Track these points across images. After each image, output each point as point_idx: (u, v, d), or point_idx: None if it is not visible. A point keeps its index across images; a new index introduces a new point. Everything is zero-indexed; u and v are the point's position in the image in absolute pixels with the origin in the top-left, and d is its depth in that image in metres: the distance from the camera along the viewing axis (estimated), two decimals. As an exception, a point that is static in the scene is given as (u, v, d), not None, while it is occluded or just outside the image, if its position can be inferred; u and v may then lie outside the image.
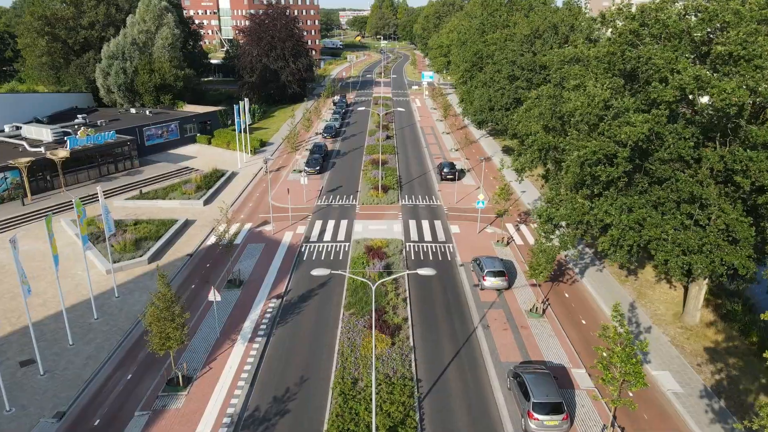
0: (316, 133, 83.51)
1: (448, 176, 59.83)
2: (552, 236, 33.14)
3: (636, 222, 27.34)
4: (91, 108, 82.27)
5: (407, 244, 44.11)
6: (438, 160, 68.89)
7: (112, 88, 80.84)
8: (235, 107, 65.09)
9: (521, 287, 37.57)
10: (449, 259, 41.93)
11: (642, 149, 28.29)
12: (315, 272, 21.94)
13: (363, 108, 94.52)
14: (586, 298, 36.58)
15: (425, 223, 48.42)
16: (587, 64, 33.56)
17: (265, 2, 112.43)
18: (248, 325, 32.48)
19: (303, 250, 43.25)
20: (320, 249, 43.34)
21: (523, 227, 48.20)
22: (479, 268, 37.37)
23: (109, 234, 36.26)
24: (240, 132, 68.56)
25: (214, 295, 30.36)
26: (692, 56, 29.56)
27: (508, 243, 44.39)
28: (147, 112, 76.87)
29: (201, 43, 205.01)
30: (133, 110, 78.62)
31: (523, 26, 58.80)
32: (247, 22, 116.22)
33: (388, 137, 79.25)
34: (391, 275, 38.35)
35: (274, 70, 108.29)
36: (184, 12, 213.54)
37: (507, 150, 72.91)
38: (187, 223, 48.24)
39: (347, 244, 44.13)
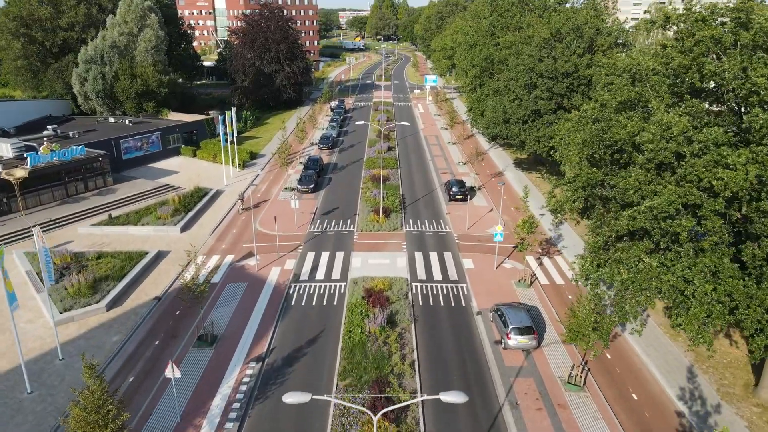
0: (312, 144, 77.14)
1: (457, 196, 53.42)
2: (603, 299, 26.46)
3: (727, 294, 20.66)
4: (67, 117, 75.95)
5: (413, 284, 37.70)
6: (444, 175, 62.49)
7: (89, 94, 74.44)
8: (220, 118, 58.65)
9: (552, 344, 31.18)
10: (463, 304, 35.52)
11: (737, 197, 21.30)
12: (288, 399, 15.37)
13: (362, 115, 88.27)
14: (632, 359, 30.18)
15: (433, 256, 42.01)
16: (643, 78, 27.07)
17: (261, 1, 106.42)
18: (218, 404, 26.06)
19: (291, 291, 36.83)
20: (311, 291, 36.93)
21: (547, 261, 41.80)
22: (502, 323, 30.97)
23: (49, 285, 29.88)
24: (226, 144, 62.15)
25: (172, 371, 23.95)
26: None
27: (531, 283, 37.99)
28: (127, 122, 70.48)
29: (196, 44, 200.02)
30: (112, 119, 72.25)
31: (542, 28, 52.42)
32: (239, 23, 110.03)
33: (389, 148, 72.88)
34: (395, 323, 32.05)
35: (268, 74, 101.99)
36: (179, 12, 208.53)
37: (520, 163, 66.54)
38: (160, 256, 41.85)
39: (343, 284, 37.72)
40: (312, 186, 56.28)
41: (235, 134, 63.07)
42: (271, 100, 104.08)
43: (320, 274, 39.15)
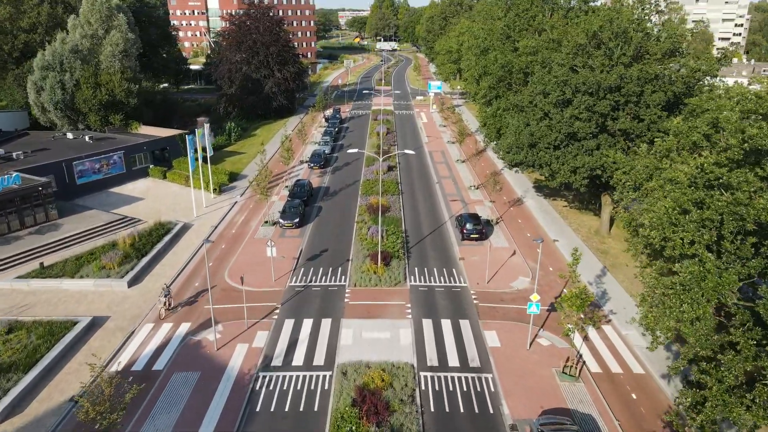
0: (301, 161, 67.77)
1: (472, 235, 44.04)
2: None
3: None
4: (20, 132, 66.57)
5: (422, 374, 28.29)
6: (454, 204, 53.10)
7: (46, 106, 65.05)
8: (188, 138, 49.26)
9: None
10: (490, 408, 26.10)
11: None
12: None
13: (360, 125, 79.14)
14: None
15: (446, 326, 32.58)
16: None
17: (256, 1, 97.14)
18: None
19: (258, 386, 27.45)
20: (285, 386, 27.53)
21: (594, 334, 32.34)
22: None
23: None
24: (203, 163, 52.79)
25: None
26: None
27: (579, 372, 28.55)
28: (87, 138, 61.05)
29: (187, 45, 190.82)
30: (70, 135, 62.82)
31: (575, 32, 43.04)
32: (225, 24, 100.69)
33: (389, 168, 63.50)
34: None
35: (257, 80, 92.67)
36: (170, 11, 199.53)
37: (540, 187, 57.10)
38: (94, 326, 32.52)
39: (328, 373, 28.33)
40: (297, 220, 46.86)
41: (210, 154, 53.77)
42: (260, 109, 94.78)
43: (298, 357, 29.75)
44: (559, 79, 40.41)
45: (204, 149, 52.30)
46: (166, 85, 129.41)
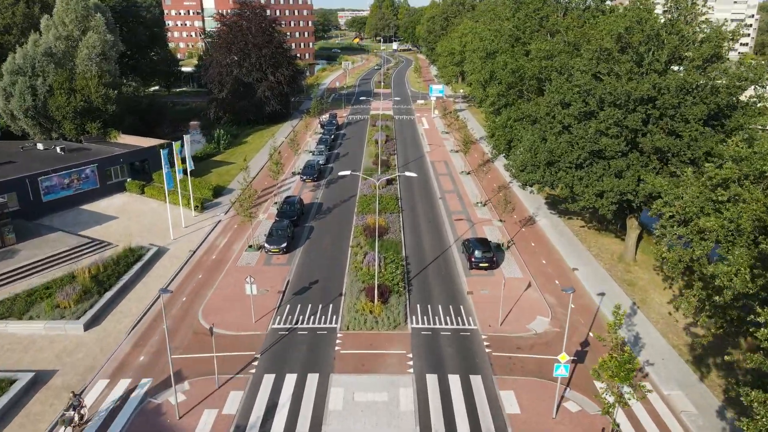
0: (293, 173, 62.72)
1: (481, 264, 38.95)
2: None
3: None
4: (-12, 141, 61.56)
5: (427, 454, 23.23)
6: (459, 223, 48.05)
7: (16, 113, 59.99)
8: (162, 153, 44.20)
9: None
10: (512, 504, 21.03)
11: None
12: None
13: (357, 132, 74.16)
14: None
15: (455, 386, 27.44)
16: None
17: (253, 1, 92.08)
18: None
19: (225, 471, 22.38)
20: (259, 470, 22.48)
21: (630, 393, 27.19)
22: None
23: None
24: (184, 176, 47.76)
25: None
26: None
27: (618, 450, 23.43)
28: (58, 149, 55.95)
29: (183, 46, 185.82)
30: (41, 146, 57.71)
31: (599, 34, 37.92)
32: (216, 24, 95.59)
33: (388, 181, 58.40)
34: None
35: (249, 83, 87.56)
36: (165, 11, 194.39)
37: (554, 203, 51.97)
38: (37, 383, 27.47)
39: (312, 452, 23.28)
40: (284, 245, 41.77)
41: (190, 168, 48.76)
42: (252, 114, 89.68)
43: (277, 427, 24.64)
44: (582, 88, 35.28)
45: (184, 161, 47.31)
46: (156, 88, 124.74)
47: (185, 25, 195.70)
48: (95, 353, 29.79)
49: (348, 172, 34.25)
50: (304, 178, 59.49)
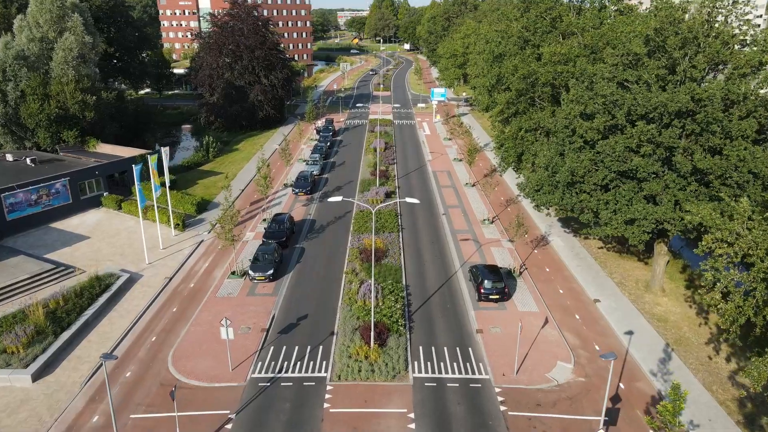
0: (285, 185, 58.30)
1: (491, 295, 34.52)
2: None
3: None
4: (-46, 152, 57.10)
5: None
6: (465, 245, 43.61)
7: (-15, 121, 55.68)
8: (135, 168, 39.80)
9: None
10: None
11: None
12: None
13: (355, 138, 69.66)
14: None
15: (466, 457, 23.02)
16: None
17: (249, 1, 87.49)
18: None
19: None
20: None
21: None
22: None
23: None
24: (163, 187, 43.35)
25: None
26: None
27: None
28: (28, 161, 51.53)
29: (178, 46, 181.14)
30: (10, 157, 53.26)
31: (626, 36, 33.46)
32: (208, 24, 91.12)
33: (387, 195, 53.97)
34: None
35: (241, 87, 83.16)
36: (160, 11, 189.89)
37: (567, 220, 47.50)
38: (-33, 453, 23.04)
39: None
40: (271, 272, 37.34)
41: (167, 185, 44.45)
42: (245, 119, 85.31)
43: None
44: (608, 98, 30.83)
45: (161, 173, 42.95)
46: (148, 90, 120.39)
47: (180, 25, 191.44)
48: (41, 412, 25.35)
49: (339, 198, 29.77)
50: (297, 191, 55.04)
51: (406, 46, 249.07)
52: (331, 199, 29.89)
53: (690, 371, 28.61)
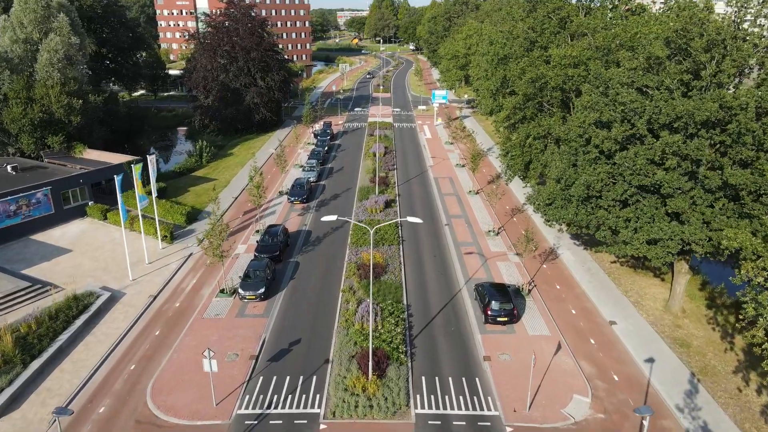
0: (280, 192, 55.77)
1: (498, 318, 31.99)
2: None
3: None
4: (-66, 158, 54.57)
5: None
6: (470, 259, 41.08)
7: (-35, 126, 53.13)
8: (117, 178, 37.30)
9: None
10: None
11: None
12: None
13: (353, 142, 67.08)
14: None
15: None
16: None
17: (247, 0, 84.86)
18: None
19: None
20: None
21: None
22: None
23: None
24: (149, 198, 40.82)
25: None
26: None
27: None
28: (9, 169, 49.00)
29: (176, 47, 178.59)
30: (-9, 164, 50.86)
31: (648, 39, 30.96)
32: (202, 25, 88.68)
33: (387, 204, 51.41)
34: None
35: (236, 89, 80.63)
36: (157, 11, 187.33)
37: (578, 232, 44.84)
38: None
39: None
40: (262, 291, 34.82)
41: (154, 195, 41.94)
42: (240, 122, 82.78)
43: None
44: (627, 106, 28.29)
45: (148, 182, 40.46)
46: (142, 92, 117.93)
47: (178, 25, 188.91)
48: (3, 456, 22.86)
49: (334, 217, 27.17)
50: (292, 199, 52.48)
51: (411, 46, 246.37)
52: (324, 219, 27.27)
53: (718, 405, 26.07)
